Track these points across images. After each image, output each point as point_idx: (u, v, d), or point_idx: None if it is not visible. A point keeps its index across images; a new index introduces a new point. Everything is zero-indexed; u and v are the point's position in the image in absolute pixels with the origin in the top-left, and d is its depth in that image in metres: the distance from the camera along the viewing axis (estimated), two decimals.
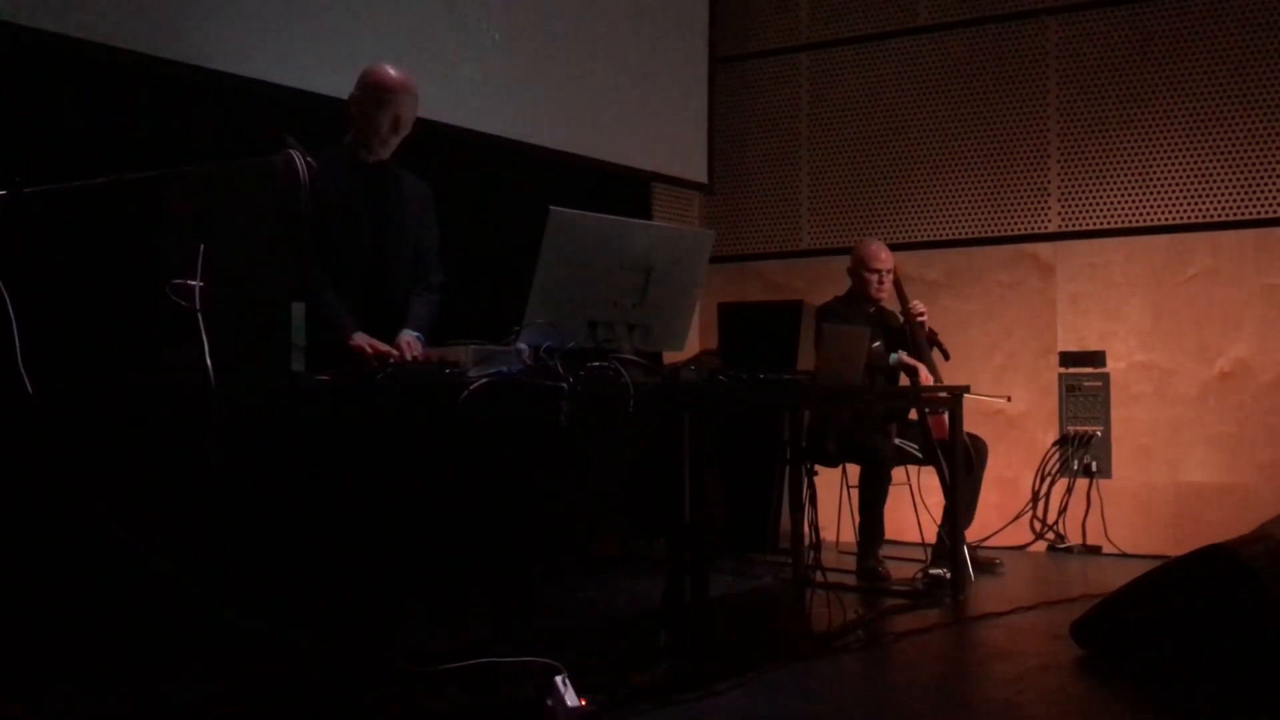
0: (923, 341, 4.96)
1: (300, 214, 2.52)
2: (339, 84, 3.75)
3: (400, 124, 3.41)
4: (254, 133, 3.43)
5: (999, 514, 5.56)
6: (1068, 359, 5.79)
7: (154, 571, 2.18)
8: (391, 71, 3.46)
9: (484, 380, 2.61)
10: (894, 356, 4.85)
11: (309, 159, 2.54)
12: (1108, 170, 5.76)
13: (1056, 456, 5.69)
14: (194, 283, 2.20)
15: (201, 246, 2.23)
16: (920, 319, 4.99)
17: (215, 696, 2.94)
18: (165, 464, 2.26)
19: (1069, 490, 5.63)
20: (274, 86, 4.12)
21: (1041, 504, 5.66)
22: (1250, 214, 5.46)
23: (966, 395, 4.61)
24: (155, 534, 2.21)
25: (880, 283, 4.98)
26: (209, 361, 2.15)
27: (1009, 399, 5.55)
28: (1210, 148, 5.53)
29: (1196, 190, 5.56)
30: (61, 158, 3.52)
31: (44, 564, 3.29)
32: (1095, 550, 5.54)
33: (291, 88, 4.17)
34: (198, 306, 2.18)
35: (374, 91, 3.38)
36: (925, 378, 4.83)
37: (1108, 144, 5.75)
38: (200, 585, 2.29)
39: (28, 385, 2.12)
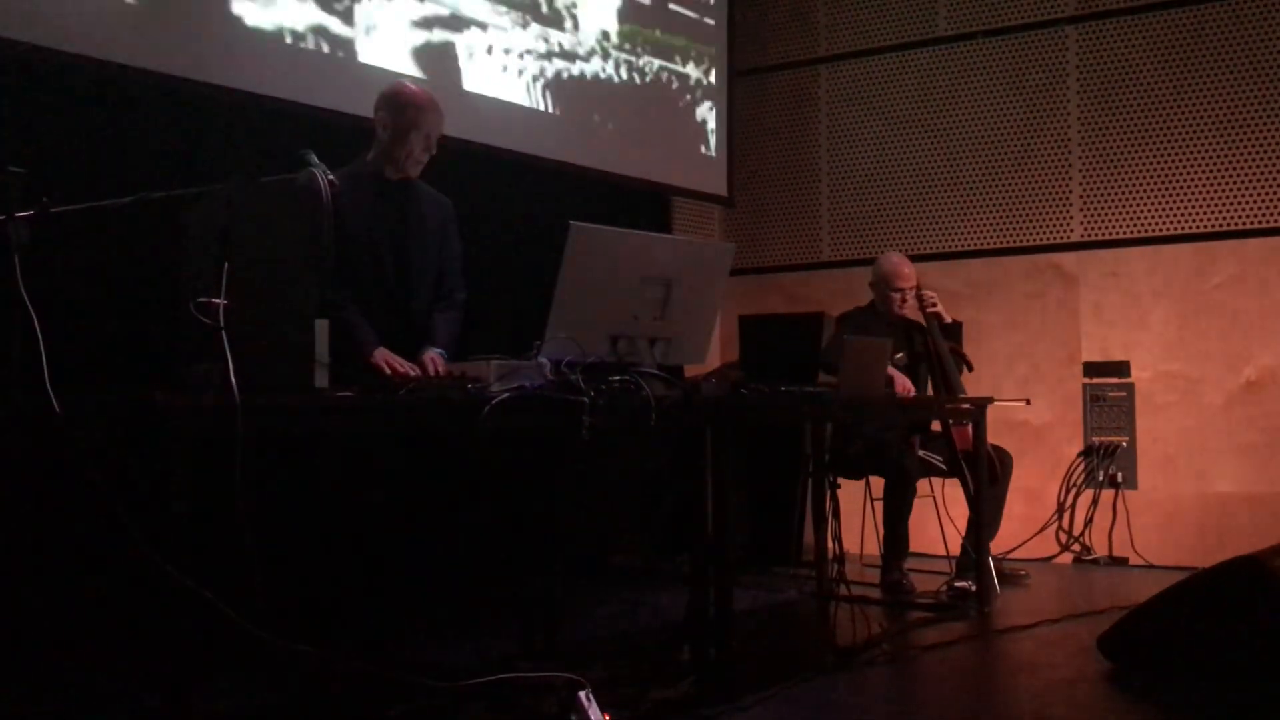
0: (946, 354, 4.94)
1: (323, 231, 2.54)
2: (359, 102, 3.78)
3: (430, 142, 3.43)
4: (276, 151, 3.46)
5: (1024, 526, 5.52)
6: (1092, 369, 5.75)
7: (178, 587, 2.19)
8: (418, 90, 3.49)
9: (506, 395, 2.61)
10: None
11: (331, 177, 2.56)
12: (1130, 179, 5.73)
13: (1081, 467, 5.65)
14: (218, 300, 2.21)
15: (225, 264, 2.24)
16: (933, 310, 4.95)
17: (239, 712, 2.95)
18: (190, 481, 2.28)
19: (1094, 501, 5.58)
20: (296, 105, 4.16)
21: (1067, 515, 5.61)
22: (1275, 221, 5.42)
23: (993, 401, 4.60)
24: (180, 550, 2.22)
25: (903, 301, 4.96)
26: (233, 378, 2.16)
27: (1028, 402, 5.51)
28: (1234, 155, 5.50)
29: (1220, 198, 5.53)
30: (86, 178, 3.56)
31: (70, 581, 3.31)
32: (1122, 562, 5.50)
33: (313, 105, 4.20)
34: (222, 324, 2.20)
35: (406, 112, 3.40)
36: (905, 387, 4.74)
37: (1130, 153, 5.73)
38: (224, 600, 2.30)
39: (55, 405, 2.14)
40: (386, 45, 4.49)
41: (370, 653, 3.04)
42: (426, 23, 4.67)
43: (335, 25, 4.32)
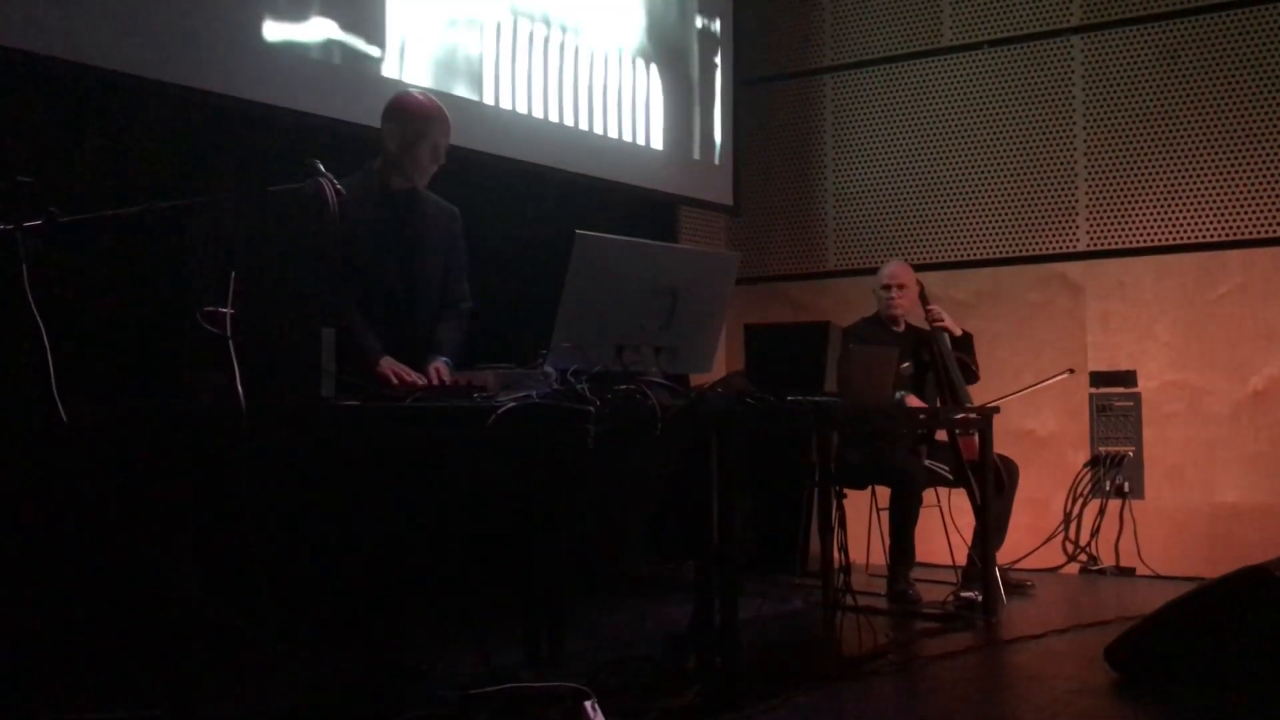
0: (952, 364, 4.94)
1: (330, 240, 2.55)
2: (367, 112, 3.80)
3: (438, 152, 3.43)
4: (283, 161, 3.47)
5: (1030, 536, 5.50)
6: (1098, 379, 5.74)
7: (185, 594, 2.19)
8: (425, 100, 3.49)
9: (512, 404, 2.61)
10: (900, 394, 4.83)
11: (338, 186, 2.56)
12: (1136, 189, 5.72)
13: (1088, 477, 5.64)
14: (225, 310, 2.22)
15: (232, 274, 2.25)
16: (940, 324, 4.97)
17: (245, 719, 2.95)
18: (196, 489, 2.29)
19: (1101, 511, 5.57)
20: (303, 114, 4.17)
21: (1073, 525, 5.60)
22: None
23: (999, 411, 4.60)
24: (186, 558, 2.22)
25: (892, 299, 4.99)
26: (239, 388, 2.17)
27: (1071, 371, 5.54)
28: (1240, 164, 5.49)
29: (1227, 207, 5.52)
30: (94, 187, 3.57)
31: (77, 587, 3.31)
32: (1129, 572, 5.48)
33: (320, 115, 4.21)
34: (228, 333, 2.20)
35: (414, 122, 3.40)
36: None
37: (1136, 162, 5.72)
38: (231, 609, 2.30)
39: (61, 413, 2.14)
40: (394, 55, 4.51)
41: (376, 661, 3.04)
42: (434, 33, 4.68)
43: (343, 35, 4.33)
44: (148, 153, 3.81)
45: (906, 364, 4.90)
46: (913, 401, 4.82)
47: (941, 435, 4.90)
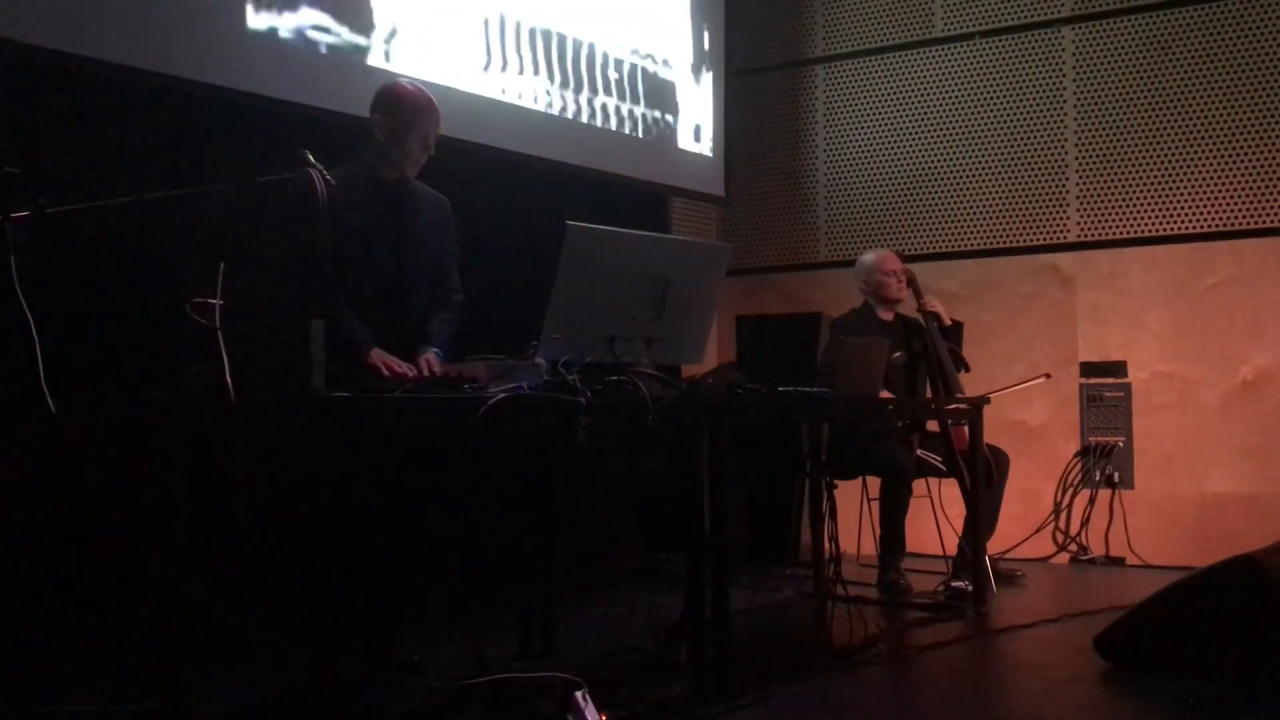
0: (945, 354, 4.95)
1: (320, 232, 2.54)
2: (356, 102, 3.78)
3: (428, 143, 3.42)
4: (273, 151, 3.45)
5: (1021, 526, 5.52)
6: (1089, 369, 5.75)
7: (176, 586, 2.19)
8: (415, 90, 3.47)
9: (502, 395, 2.61)
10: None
11: (328, 176, 2.55)
12: (1127, 180, 5.73)
13: (1078, 468, 5.65)
14: (214, 301, 2.21)
15: (222, 265, 2.24)
16: (932, 309, 4.98)
17: (236, 712, 2.94)
18: (186, 481, 2.28)
19: (1091, 501, 5.59)
20: (293, 105, 4.15)
21: (1064, 515, 5.62)
22: (1272, 222, 5.43)
23: (989, 402, 4.62)
24: (176, 550, 2.22)
25: (899, 282, 5.00)
26: (229, 379, 2.16)
27: (1048, 376, 5.54)
28: (1230, 155, 5.50)
29: (1217, 198, 5.53)
30: (82, 178, 3.55)
31: (66, 578, 3.31)
32: (1118, 562, 5.50)
33: (310, 105, 4.20)
34: (218, 324, 2.20)
35: (404, 113, 3.39)
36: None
37: (1126, 153, 5.73)
38: (221, 600, 2.30)
39: (50, 404, 2.14)
40: (382, 45, 4.49)
41: (368, 653, 3.04)
42: (424, 22, 4.66)
43: (332, 25, 4.31)
44: (136, 143, 3.78)
45: (899, 353, 4.91)
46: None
47: (933, 425, 4.91)
